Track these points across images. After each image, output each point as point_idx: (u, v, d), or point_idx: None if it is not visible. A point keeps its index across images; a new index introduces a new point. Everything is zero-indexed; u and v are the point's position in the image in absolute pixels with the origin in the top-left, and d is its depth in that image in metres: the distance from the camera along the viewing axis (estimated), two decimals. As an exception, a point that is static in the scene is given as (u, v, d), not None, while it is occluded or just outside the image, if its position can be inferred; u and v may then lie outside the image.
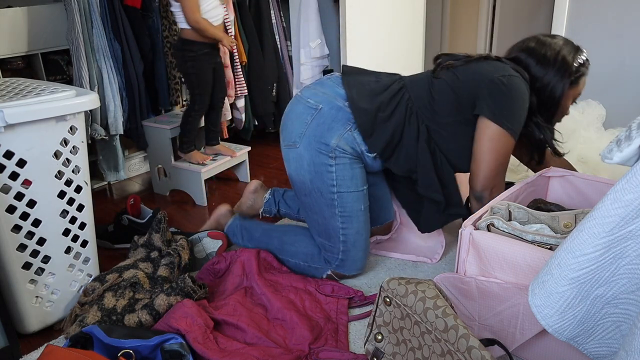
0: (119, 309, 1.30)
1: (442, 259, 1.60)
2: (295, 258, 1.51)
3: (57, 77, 2.13)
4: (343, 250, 1.44)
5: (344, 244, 1.43)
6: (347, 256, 1.44)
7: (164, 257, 1.49)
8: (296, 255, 1.51)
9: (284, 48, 2.78)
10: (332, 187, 1.39)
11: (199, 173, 2.06)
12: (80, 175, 1.33)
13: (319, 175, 1.38)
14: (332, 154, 1.36)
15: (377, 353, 1.08)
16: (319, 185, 1.40)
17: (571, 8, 2.44)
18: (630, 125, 0.77)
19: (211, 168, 2.10)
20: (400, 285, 1.03)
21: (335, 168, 1.37)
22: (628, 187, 0.72)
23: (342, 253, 1.44)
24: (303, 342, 1.22)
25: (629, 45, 2.33)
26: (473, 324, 1.19)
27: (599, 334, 0.83)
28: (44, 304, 1.33)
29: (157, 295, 1.30)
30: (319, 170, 1.38)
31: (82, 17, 1.92)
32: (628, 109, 2.39)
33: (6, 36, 1.89)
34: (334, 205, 1.40)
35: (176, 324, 1.18)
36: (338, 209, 1.40)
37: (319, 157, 1.37)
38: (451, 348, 0.91)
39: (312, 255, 1.49)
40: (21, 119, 1.17)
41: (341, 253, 1.44)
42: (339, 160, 1.37)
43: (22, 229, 1.25)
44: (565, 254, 0.80)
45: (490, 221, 1.18)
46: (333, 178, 1.38)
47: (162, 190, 2.23)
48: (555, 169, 1.47)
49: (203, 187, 2.08)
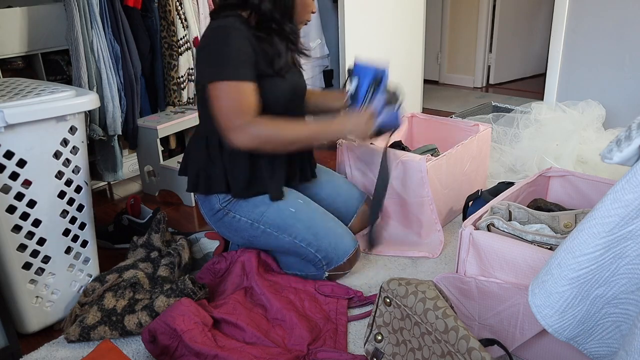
0: (119, 310, 1.30)
1: (442, 259, 1.60)
2: (292, 269, 1.51)
3: (57, 77, 2.13)
4: (315, 250, 1.43)
5: (310, 245, 1.42)
6: (324, 251, 1.43)
7: (164, 257, 1.49)
8: (292, 266, 1.51)
9: (283, 48, 2.78)
10: (251, 225, 1.44)
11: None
12: (80, 175, 1.33)
13: (238, 229, 1.47)
14: (225, 210, 1.46)
15: (377, 353, 1.08)
16: (246, 234, 1.46)
17: (571, 8, 2.44)
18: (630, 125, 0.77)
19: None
20: (400, 285, 1.03)
21: (237, 215, 1.45)
22: (628, 187, 0.72)
23: (318, 253, 1.43)
24: (302, 342, 1.22)
25: (629, 45, 2.33)
26: (473, 324, 1.19)
27: (598, 333, 0.83)
28: (44, 304, 1.33)
29: (157, 297, 1.30)
30: (234, 227, 1.47)
31: (82, 17, 1.92)
32: (628, 109, 2.39)
33: (6, 36, 1.89)
34: (268, 233, 1.44)
35: (174, 323, 1.18)
36: (274, 232, 1.43)
37: (225, 222, 1.47)
38: (451, 349, 0.91)
39: (305, 263, 1.48)
40: (21, 119, 1.17)
41: (317, 254, 1.43)
42: (233, 208, 1.45)
43: (22, 229, 1.25)
44: (565, 254, 0.80)
45: (490, 221, 1.18)
46: (245, 221, 1.44)
47: (151, 190, 2.22)
48: (556, 169, 1.47)
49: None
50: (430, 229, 1.66)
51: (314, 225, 1.43)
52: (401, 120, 1.50)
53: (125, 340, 1.29)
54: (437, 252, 1.61)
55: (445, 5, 3.83)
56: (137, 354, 1.24)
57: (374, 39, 2.55)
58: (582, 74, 2.49)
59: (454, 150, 1.69)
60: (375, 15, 2.53)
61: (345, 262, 1.45)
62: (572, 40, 2.48)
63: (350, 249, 1.46)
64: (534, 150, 2.13)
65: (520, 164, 2.13)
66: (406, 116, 2.09)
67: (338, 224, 1.49)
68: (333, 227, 1.47)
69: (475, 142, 1.81)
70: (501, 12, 3.68)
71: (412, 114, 2.12)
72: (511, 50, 3.85)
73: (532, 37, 3.92)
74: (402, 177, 1.63)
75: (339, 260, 1.45)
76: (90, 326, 1.26)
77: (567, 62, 2.52)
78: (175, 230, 1.74)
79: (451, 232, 1.75)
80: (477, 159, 1.85)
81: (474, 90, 3.80)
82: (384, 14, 2.57)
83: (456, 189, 1.78)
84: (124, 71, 2.07)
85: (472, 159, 1.82)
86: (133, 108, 2.13)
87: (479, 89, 3.83)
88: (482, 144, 1.87)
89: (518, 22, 3.81)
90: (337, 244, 1.44)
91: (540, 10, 3.86)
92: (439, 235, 1.65)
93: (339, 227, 1.48)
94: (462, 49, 3.88)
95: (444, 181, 1.69)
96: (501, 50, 3.81)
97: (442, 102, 3.48)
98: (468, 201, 1.76)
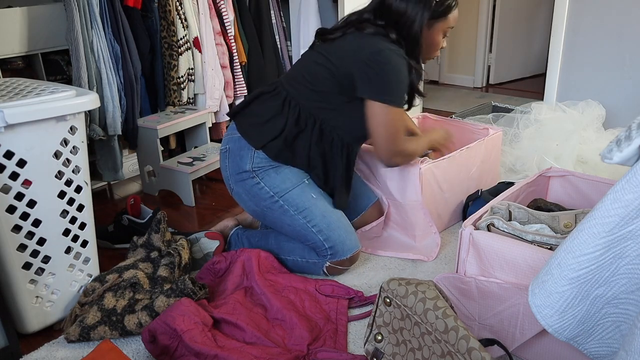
0: (119, 310, 1.30)
1: (442, 259, 1.60)
2: (292, 255, 1.53)
3: (57, 77, 2.13)
4: (324, 239, 1.46)
5: (321, 233, 1.46)
6: (333, 242, 1.46)
7: (163, 257, 1.49)
8: (293, 251, 1.53)
9: (284, 48, 2.78)
10: (271, 197, 1.47)
11: (187, 174, 2.05)
12: (80, 175, 1.33)
13: (256, 197, 1.49)
14: (253, 174, 1.48)
15: (377, 353, 1.08)
16: (263, 204, 1.49)
17: (571, 8, 2.44)
18: (630, 125, 0.77)
19: (199, 168, 2.09)
20: (400, 285, 1.03)
21: (263, 183, 1.47)
22: (628, 187, 0.72)
23: (326, 242, 1.47)
24: (302, 342, 1.22)
25: (629, 45, 2.33)
26: (473, 324, 1.19)
27: (598, 333, 0.83)
28: (44, 304, 1.33)
29: (157, 297, 1.30)
30: (254, 193, 1.49)
31: (82, 17, 1.92)
32: (628, 109, 2.39)
33: (6, 36, 1.89)
34: (285, 209, 1.47)
35: (173, 323, 1.18)
36: (292, 210, 1.47)
37: (247, 184, 1.49)
38: (451, 349, 0.91)
39: (308, 249, 1.51)
40: (21, 119, 1.16)
41: (325, 242, 1.47)
42: (261, 175, 1.47)
43: (22, 229, 1.25)
44: (565, 254, 0.80)
45: (490, 221, 1.18)
46: (267, 191, 1.47)
47: (151, 191, 2.22)
48: (556, 169, 1.47)
49: (191, 188, 2.07)
50: (426, 232, 1.66)
51: (328, 215, 1.49)
52: None
53: (125, 340, 1.29)
54: (433, 255, 1.60)
55: (445, 5, 3.82)
56: (137, 354, 1.24)
57: (374, 39, 2.55)
58: (582, 74, 2.49)
59: (457, 153, 1.67)
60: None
61: (347, 258, 1.49)
62: (572, 40, 2.48)
63: (355, 248, 1.50)
64: (534, 150, 2.13)
65: (520, 164, 2.13)
66: (417, 117, 2.09)
67: (348, 223, 1.54)
68: (345, 223, 1.52)
69: (484, 146, 1.78)
70: (501, 12, 3.68)
71: (424, 115, 2.11)
72: (511, 50, 3.85)
73: (532, 37, 3.92)
74: (397, 180, 1.63)
75: (344, 255, 1.48)
76: (90, 326, 1.26)
77: (567, 62, 2.52)
78: (175, 230, 1.74)
79: (451, 232, 1.75)
80: (486, 163, 1.82)
81: (474, 90, 3.80)
82: (384, 14, 2.56)
83: (461, 193, 1.76)
84: (124, 71, 2.07)
85: (481, 162, 1.79)
86: (133, 108, 2.13)
87: (479, 89, 3.83)
88: (492, 148, 1.84)
89: (518, 22, 3.81)
90: (345, 239, 1.48)
91: (540, 10, 3.86)
92: (434, 238, 1.64)
93: (349, 225, 1.54)
94: (462, 49, 3.88)
95: (445, 184, 1.68)
96: (501, 50, 3.81)
97: (442, 102, 3.48)
98: (468, 201, 1.76)
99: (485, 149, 1.80)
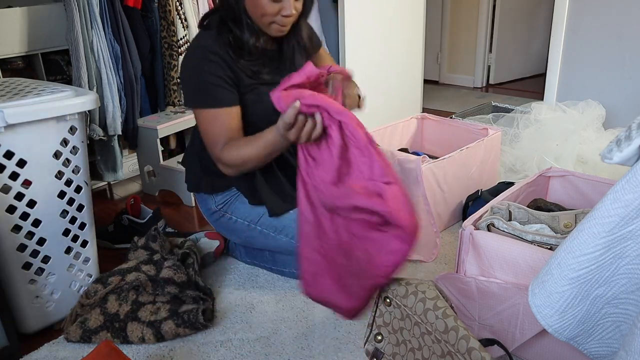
0: (122, 315, 1.29)
1: (442, 259, 1.60)
2: (288, 267, 1.51)
3: (57, 77, 2.13)
4: None
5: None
6: None
7: (166, 260, 1.48)
8: (289, 264, 1.51)
9: (283, 48, 2.78)
10: (248, 226, 1.46)
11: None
12: (80, 175, 1.33)
13: (236, 230, 1.49)
14: (221, 212, 1.49)
15: (377, 353, 1.08)
16: (244, 235, 1.49)
17: (571, 8, 2.44)
18: (630, 125, 0.77)
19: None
20: (400, 285, 1.03)
21: (234, 216, 1.48)
22: (628, 187, 0.72)
23: None
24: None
25: (629, 45, 2.33)
26: (473, 323, 1.19)
27: (598, 333, 0.83)
28: (44, 304, 1.33)
29: (166, 321, 1.28)
30: (232, 228, 1.50)
31: (82, 17, 1.92)
32: (628, 109, 2.39)
33: (6, 36, 1.89)
34: (265, 234, 1.46)
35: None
36: (271, 232, 1.45)
37: (222, 222, 1.50)
38: (451, 349, 0.91)
39: None
40: (21, 119, 1.17)
41: None
42: (230, 210, 1.48)
43: (22, 229, 1.25)
44: (565, 254, 0.80)
45: (490, 221, 1.18)
46: (242, 222, 1.47)
47: (151, 191, 2.22)
48: (556, 169, 1.47)
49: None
50: (426, 232, 1.65)
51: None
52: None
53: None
54: (432, 256, 1.60)
55: (445, 5, 3.83)
56: (137, 354, 1.24)
57: (374, 39, 2.55)
58: (582, 74, 2.49)
59: (456, 153, 1.67)
60: (376, 15, 2.53)
61: None
62: (572, 40, 2.48)
63: None
64: (534, 150, 2.13)
65: (520, 164, 2.13)
66: (417, 117, 2.09)
67: None
68: None
69: (483, 146, 1.78)
70: (501, 12, 3.68)
71: (423, 115, 2.11)
72: (511, 50, 3.85)
73: (532, 37, 3.92)
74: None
75: None
76: (93, 330, 1.26)
77: (567, 62, 2.52)
78: (175, 230, 1.74)
79: (451, 233, 1.75)
80: (485, 163, 1.82)
81: (474, 90, 3.80)
82: (384, 14, 2.57)
83: (461, 193, 1.76)
84: (124, 71, 2.07)
85: (480, 162, 1.79)
86: (133, 108, 2.13)
87: (479, 89, 3.83)
88: (491, 149, 1.84)
89: (518, 22, 3.81)
90: None
91: (540, 10, 3.86)
92: (434, 238, 1.64)
93: None
94: (462, 49, 3.88)
95: (444, 184, 1.67)
96: (501, 50, 3.81)
97: (442, 102, 3.48)
98: (468, 201, 1.76)
99: (484, 149, 1.80)
